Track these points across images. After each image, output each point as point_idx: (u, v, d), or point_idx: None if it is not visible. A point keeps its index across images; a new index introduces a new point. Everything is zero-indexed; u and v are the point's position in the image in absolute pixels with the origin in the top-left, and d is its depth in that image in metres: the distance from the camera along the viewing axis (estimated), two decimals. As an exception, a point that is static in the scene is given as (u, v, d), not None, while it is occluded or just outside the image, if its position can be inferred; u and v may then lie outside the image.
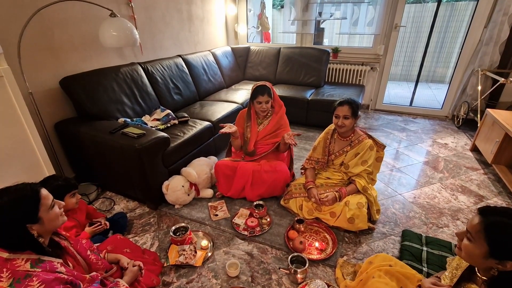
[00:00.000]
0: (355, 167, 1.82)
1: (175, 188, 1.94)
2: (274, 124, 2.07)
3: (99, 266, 1.20)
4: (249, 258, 1.61)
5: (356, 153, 1.82)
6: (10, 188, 0.91)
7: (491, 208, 0.89)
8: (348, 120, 1.75)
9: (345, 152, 1.86)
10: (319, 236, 1.75)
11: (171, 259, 1.55)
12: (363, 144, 1.80)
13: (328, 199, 1.78)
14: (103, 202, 2.10)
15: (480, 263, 0.88)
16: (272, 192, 2.05)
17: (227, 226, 1.84)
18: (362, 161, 1.81)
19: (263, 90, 1.94)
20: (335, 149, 1.91)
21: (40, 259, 0.90)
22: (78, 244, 1.18)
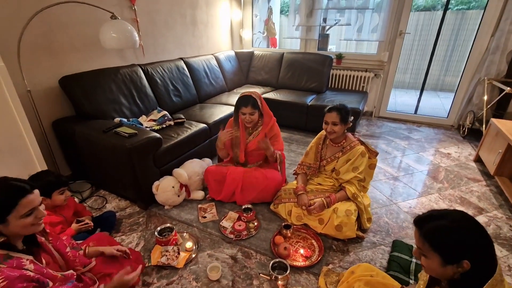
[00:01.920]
0: (346, 173, 1.78)
1: (165, 188, 1.95)
2: (264, 136, 2.04)
3: (77, 263, 1.20)
4: (232, 262, 1.59)
5: (348, 159, 1.79)
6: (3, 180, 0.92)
7: (423, 217, 0.88)
8: (337, 126, 1.72)
9: (337, 158, 1.83)
10: (306, 243, 1.72)
11: (154, 259, 1.55)
12: (355, 151, 1.77)
13: (315, 207, 1.74)
14: (95, 200, 2.13)
15: (444, 274, 0.84)
16: (263, 198, 2.03)
17: (214, 228, 1.83)
18: (353, 167, 1.77)
19: (247, 102, 1.91)
20: (327, 154, 1.88)
21: (9, 255, 0.90)
22: (58, 240, 1.19)
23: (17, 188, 0.91)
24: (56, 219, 1.50)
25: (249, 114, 1.93)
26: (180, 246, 1.64)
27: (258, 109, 1.94)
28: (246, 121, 1.96)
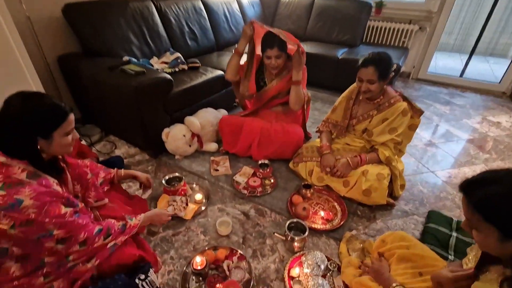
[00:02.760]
0: (380, 135, 1.51)
1: (175, 136, 1.79)
2: (288, 81, 1.76)
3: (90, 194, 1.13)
4: (244, 219, 1.45)
5: (384, 119, 1.50)
6: (46, 95, 0.88)
7: (473, 180, 0.68)
8: (374, 84, 1.41)
9: (370, 116, 1.55)
10: (327, 206, 1.53)
11: (159, 208, 1.43)
12: (395, 108, 1.47)
13: (339, 167, 1.52)
14: (104, 145, 2.02)
15: (503, 251, 0.65)
16: (281, 154, 1.83)
17: (227, 183, 1.68)
18: (390, 128, 1.49)
19: (272, 42, 1.61)
20: (359, 112, 1.60)
21: (37, 173, 0.85)
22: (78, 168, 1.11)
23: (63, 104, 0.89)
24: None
25: (275, 58, 1.65)
26: (189, 197, 1.51)
27: (285, 52, 1.65)
28: (272, 66, 1.69)
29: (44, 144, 0.85)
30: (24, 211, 0.78)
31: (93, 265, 0.96)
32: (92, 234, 0.94)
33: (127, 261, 1.05)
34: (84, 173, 1.12)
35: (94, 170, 1.26)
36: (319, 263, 1.18)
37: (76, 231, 0.90)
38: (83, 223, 0.92)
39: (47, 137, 0.85)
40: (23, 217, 0.78)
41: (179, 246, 1.30)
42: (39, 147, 0.85)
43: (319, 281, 1.12)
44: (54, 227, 0.84)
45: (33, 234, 0.82)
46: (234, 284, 1.08)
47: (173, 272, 1.19)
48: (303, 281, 1.14)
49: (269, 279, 1.17)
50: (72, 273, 0.93)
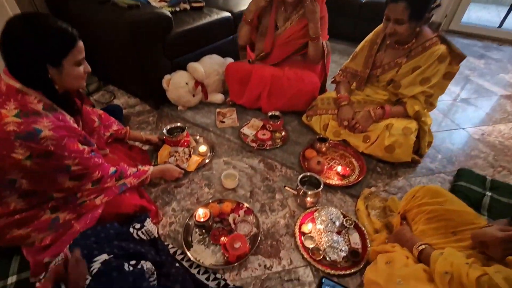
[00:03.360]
0: (410, 87, 1.30)
1: (177, 84, 1.62)
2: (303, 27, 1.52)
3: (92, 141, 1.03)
4: (252, 173, 1.33)
5: (416, 67, 1.26)
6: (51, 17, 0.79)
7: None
8: (402, 26, 1.15)
9: (398, 65, 1.31)
10: (344, 161, 1.39)
11: (161, 159, 1.32)
12: (430, 53, 1.22)
13: (358, 119, 1.34)
14: (103, 95, 1.88)
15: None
16: (294, 106, 1.65)
17: (233, 135, 1.54)
18: (422, 78, 1.26)
19: None
20: (384, 60, 1.36)
21: (53, 107, 0.82)
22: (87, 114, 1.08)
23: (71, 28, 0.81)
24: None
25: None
26: (192, 149, 1.39)
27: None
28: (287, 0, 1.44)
29: (55, 73, 0.79)
30: (42, 142, 0.74)
31: (102, 202, 0.93)
32: (107, 174, 0.93)
33: (127, 210, 0.98)
34: (91, 120, 1.09)
35: (107, 121, 1.21)
36: (333, 220, 1.07)
37: (92, 169, 0.88)
38: (99, 162, 0.91)
39: (57, 65, 0.78)
40: (42, 148, 0.74)
41: (181, 198, 1.20)
42: (50, 77, 0.78)
43: (333, 237, 1.02)
44: (73, 163, 0.81)
45: (50, 167, 0.79)
46: (240, 237, 0.99)
47: (175, 224, 1.10)
48: (315, 237, 1.04)
49: (278, 234, 1.07)
50: (80, 208, 0.91)
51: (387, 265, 0.82)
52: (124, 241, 0.82)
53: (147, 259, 0.81)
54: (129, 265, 0.71)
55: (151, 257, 0.84)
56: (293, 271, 0.95)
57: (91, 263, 0.68)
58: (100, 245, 0.75)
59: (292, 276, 0.94)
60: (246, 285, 0.91)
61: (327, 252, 0.98)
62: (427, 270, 0.75)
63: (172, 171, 1.21)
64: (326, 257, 0.98)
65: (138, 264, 0.73)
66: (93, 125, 1.09)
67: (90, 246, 0.73)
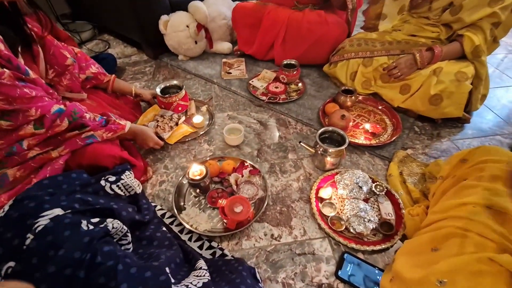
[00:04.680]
0: (473, 8, 0.99)
1: (176, 27, 1.38)
2: None
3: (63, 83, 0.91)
4: (261, 129, 1.11)
5: None
6: None
7: None
8: None
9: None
10: (374, 118, 1.14)
11: (141, 119, 1.09)
12: None
13: (399, 62, 1.07)
14: (97, 44, 1.68)
15: None
16: (315, 57, 1.38)
17: (241, 88, 1.31)
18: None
19: None
20: None
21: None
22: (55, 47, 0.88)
23: None
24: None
25: None
26: (185, 117, 1.13)
27: None
28: None
29: None
30: None
31: (60, 154, 0.74)
32: (49, 112, 0.71)
33: (104, 163, 0.79)
34: (61, 56, 0.89)
35: (84, 61, 0.99)
36: (360, 184, 0.85)
37: (22, 103, 0.67)
38: (32, 94, 0.69)
39: None
40: None
41: (176, 154, 1.02)
42: None
43: (360, 205, 0.80)
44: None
45: None
46: (242, 200, 0.80)
47: (166, 183, 0.92)
48: (336, 204, 0.83)
49: (290, 199, 0.87)
50: (34, 162, 0.73)
51: (432, 253, 0.59)
52: (91, 195, 0.65)
53: (120, 217, 0.64)
54: (88, 223, 0.53)
55: (126, 215, 0.67)
56: (306, 243, 0.76)
57: (37, 218, 0.51)
58: (56, 197, 0.58)
59: (306, 250, 0.75)
60: (247, 257, 0.73)
61: (351, 222, 0.78)
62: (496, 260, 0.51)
63: (146, 138, 0.95)
64: (350, 228, 0.77)
65: (102, 223, 0.55)
66: (64, 62, 0.89)
67: (40, 198, 0.55)
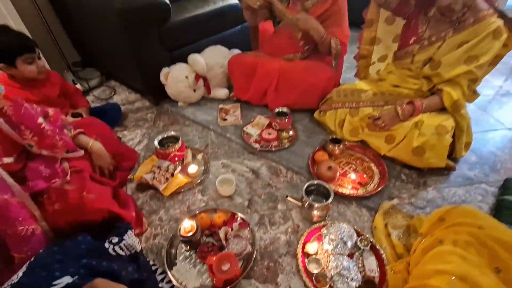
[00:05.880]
0: (451, 65, 1.05)
1: (176, 78, 1.48)
2: (322, 13, 1.33)
3: (56, 142, 0.90)
4: (253, 177, 1.17)
5: (463, 42, 1.02)
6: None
7: None
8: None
9: (442, 39, 1.07)
10: (361, 166, 1.19)
11: (140, 171, 1.16)
12: (484, 26, 0.98)
13: (382, 115, 1.13)
14: (104, 90, 1.79)
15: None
16: (305, 103, 1.46)
17: (236, 134, 1.38)
18: (469, 56, 1.02)
19: None
20: (427, 32, 1.11)
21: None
22: (22, 109, 0.85)
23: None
24: (31, 96, 1.16)
25: None
26: (181, 167, 1.18)
27: None
28: None
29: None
30: None
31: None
32: None
33: (92, 217, 0.83)
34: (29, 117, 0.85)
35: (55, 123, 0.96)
36: (345, 239, 0.89)
37: None
38: None
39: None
40: None
41: (170, 205, 1.07)
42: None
43: (343, 262, 0.83)
44: None
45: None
46: (230, 257, 0.83)
47: (159, 236, 0.97)
48: (321, 260, 0.86)
49: (278, 253, 0.90)
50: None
51: None
52: (96, 258, 0.70)
53: (121, 277, 0.68)
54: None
55: (125, 275, 0.71)
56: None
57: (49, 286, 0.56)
58: (64, 264, 0.63)
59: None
60: (233, 317, 0.76)
61: (335, 280, 0.80)
62: None
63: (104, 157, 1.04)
64: (334, 287, 0.80)
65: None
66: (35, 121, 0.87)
67: (51, 266, 0.61)
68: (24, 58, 1.08)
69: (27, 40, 1.10)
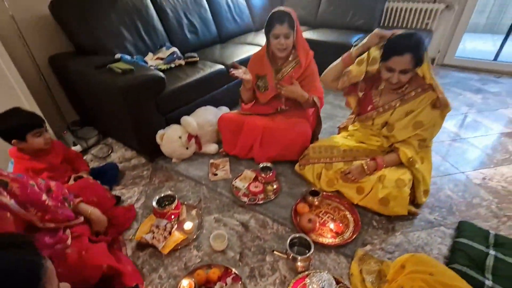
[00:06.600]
0: (402, 129, 1.29)
1: (171, 139, 1.65)
2: (298, 77, 1.57)
3: (58, 216, 1.01)
4: (243, 231, 1.30)
5: (409, 111, 1.26)
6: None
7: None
8: (407, 74, 1.16)
9: (393, 107, 1.31)
10: (338, 215, 1.35)
11: (140, 232, 1.27)
12: (423, 99, 1.22)
13: (351, 170, 1.33)
14: (101, 148, 1.93)
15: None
16: (286, 156, 1.64)
17: (225, 188, 1.53)
18: (415, 122, 1.25)
19: (282, 18, 1.41)
20: (380, 102, 1.35)
21: None
22: (28, 188, 0.97)
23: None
24: (38, 165, 1.29)
25: (284, 37, 1.43)
26: (178, 223, 1.30)
27: (293, 31, 1.45)
28: (279, 47, 1.47)
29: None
30: None
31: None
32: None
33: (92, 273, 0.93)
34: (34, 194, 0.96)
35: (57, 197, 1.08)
36: (325, 287, 1.01)
37: None
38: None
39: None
40: None
41: (169, 263, 1.17)
42: None
43: (325, 310, 0.95)
44: None
45: None
46: (225, 313, 0.94)
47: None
48: (306, 309, 0.97)
49: (267, 305, 1.01)
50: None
51: None
52: None
53: None
54: None
55: None
56: None
57: None
58: None
59: None
60: None
61: (318, 328, 0.91)
62: None
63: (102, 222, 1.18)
64: (317, 335, 0.91)
65: None
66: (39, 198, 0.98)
67: None
68: (34, 132, 1.23)
69: (36, 118, 1.26)
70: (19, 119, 1.19)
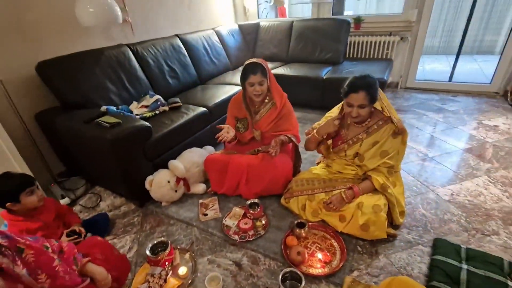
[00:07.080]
0: (372, 159, 1.43)
1: (159, 183, 1.71)
2: (275, 117, 1.73)
3: (66, 282, 1.02)
4: (236, 270, 1.34)
5: (375, 142, 1.43)
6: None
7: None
8: (365, 109, 1.34)
9: (360, 140, 1.47)
10: (325, 244, 1.43)
11: (135, 283, 1.29)
12: (384, 130, 1.40)
13: (332, 200, 1.44)
14: (90, 198, 1.94)
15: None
16: (272, 190, 1.74)
17: (217, 228, 1.58)
18: (381, 151, 1.41)
19: (255, 69, 1.58)
20: (349, 135, 1.52)
21: None
22: (42, 255, 0.99)
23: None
24: (32, 225, 1.30)
25: (258, 84, 1.60)
26: (172, 269, 1.32)
27: (266, 78, 1.61)
28: (255, 93, 1.63)
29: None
30: None
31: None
32: None
33: None
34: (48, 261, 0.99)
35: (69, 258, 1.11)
36: (319, 319, 1.07)
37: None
38: None
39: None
40: None
41: (166, 312, 1.19)
42: None
43: None
44: None
45: None
46: None
47: None
48: None
49: None
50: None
51: None
52: None
53: None
54: None
55: None
56: None
57: None
58: None
59: None
60: None
61: None
62: None
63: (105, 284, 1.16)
64: None
65: None
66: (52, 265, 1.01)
67: None
68: (26, 192, 1.26)
69: (27, 177, 1.30)
70: (12, 181, 1.23)
